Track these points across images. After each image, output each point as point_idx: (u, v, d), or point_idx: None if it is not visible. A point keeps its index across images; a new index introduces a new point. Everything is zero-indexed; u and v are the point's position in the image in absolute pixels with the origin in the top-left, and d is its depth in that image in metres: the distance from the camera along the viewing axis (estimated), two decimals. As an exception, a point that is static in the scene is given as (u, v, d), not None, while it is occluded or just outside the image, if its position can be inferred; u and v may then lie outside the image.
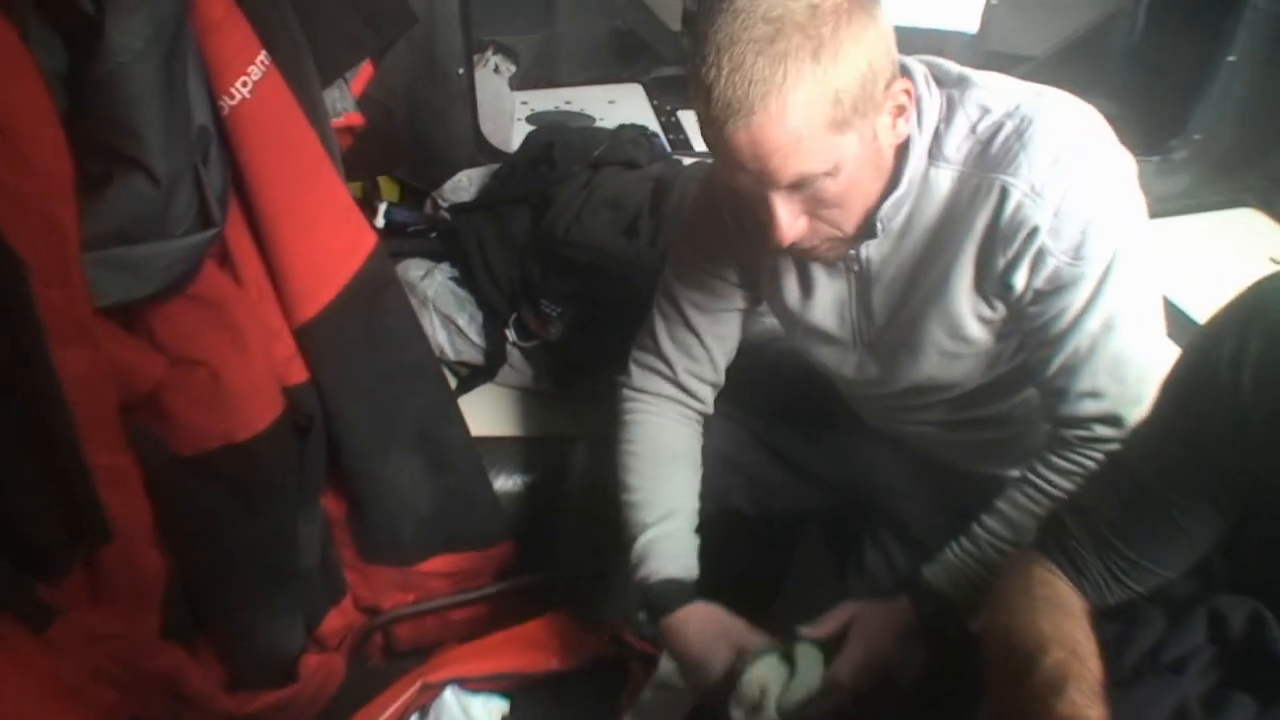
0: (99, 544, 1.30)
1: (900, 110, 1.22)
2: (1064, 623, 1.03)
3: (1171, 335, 2.30)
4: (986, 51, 2.90)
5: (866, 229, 1.30)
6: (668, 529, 1.54)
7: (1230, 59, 2.98)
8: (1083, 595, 1.08)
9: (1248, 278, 0.99)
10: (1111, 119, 1.26)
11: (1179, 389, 1.04)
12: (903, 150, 1.26)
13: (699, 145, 3.18)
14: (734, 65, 1.10)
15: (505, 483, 2.03)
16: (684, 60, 3.81)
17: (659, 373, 1.59)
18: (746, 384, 1.69)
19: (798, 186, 1.18)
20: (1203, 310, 2.44)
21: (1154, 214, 1.28)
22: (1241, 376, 0.94)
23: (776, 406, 1.74)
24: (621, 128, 2.52)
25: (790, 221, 1.21)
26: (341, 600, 1.87)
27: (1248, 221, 3.06)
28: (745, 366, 1.66)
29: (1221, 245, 2.86)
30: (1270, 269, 0.98)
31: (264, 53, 1.39)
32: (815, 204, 1.22)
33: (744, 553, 1.85)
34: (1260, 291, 0.97)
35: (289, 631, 1.76)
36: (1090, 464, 1.29)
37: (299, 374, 1.58)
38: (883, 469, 1.70)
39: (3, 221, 1.07)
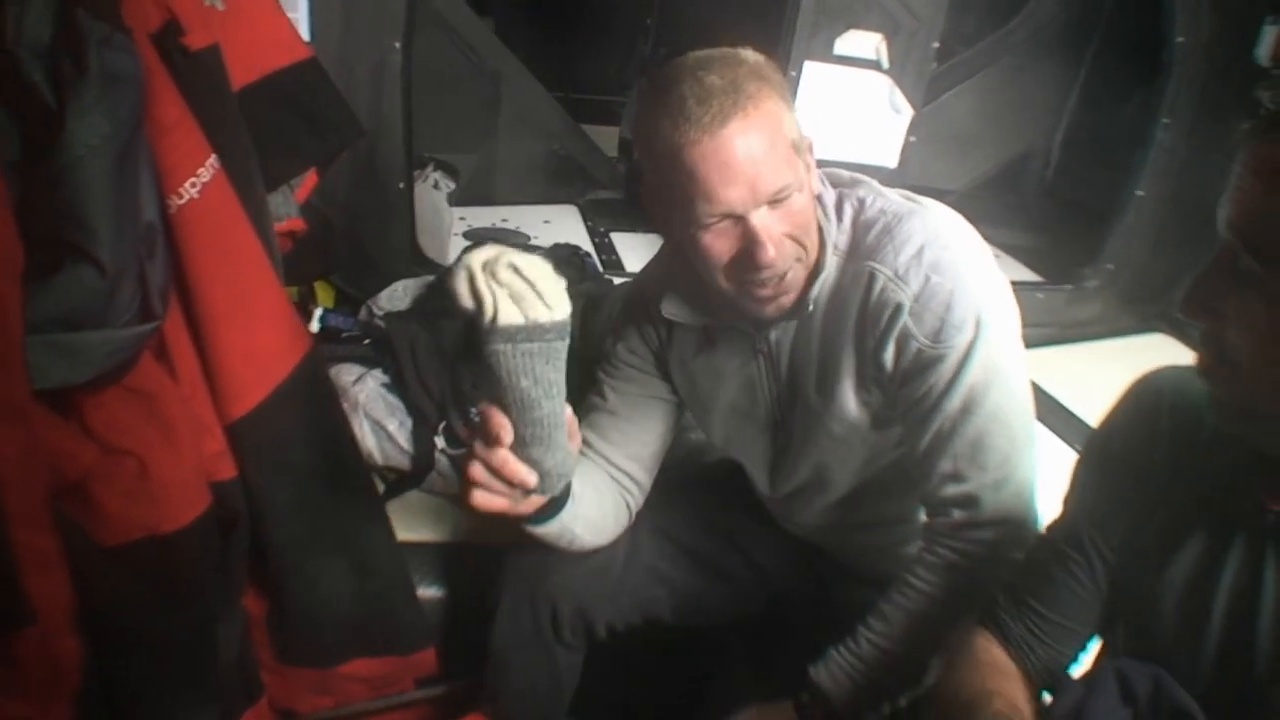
0: (20, 627, 1.28)
1: (809, 168, 1.35)
2: (1004, 683, 1.14)
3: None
4: (906, 185, 3.01)
5: (800, 304, 1.37)
6: None
7: (1139, 193, 3.18)
8: (1018, 661, 1.19)
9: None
10: (1027, 249, 1.37)
11: (1077, 467, 1.21)
12: (820, 233, 1.37)
13: (630, 266, 3.27)
14: (714, 83, 1.23)
15: (429, 589, 2.03)
16: (619, 183, 3.91)
17: None
18: (674, 497, 1.73)
19: (777, 200, 1.27)
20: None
21: (1067, 339, 1.36)
22: (1111, 450, 1.15)
23: (704, 517, 1.77)
24: (555, 246, 2.59)
25: (771, 234, 1.27)
26: (257, 701, 1.82)
27: (1159, 346, 3.19)
28: (673, 480, 1.71)
29: (1133, 369, 2.89)
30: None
31: (214, 156, 1.43)
32: (788, 221, 1.29)
33: (666, 665, 1.86)
34: (1139, 385, 1.17)
35: (202, 730, 1.71)
36: (953, 557, 1.35)
37: (227, 470, 1.58)
38: (803, 576, 1.74)
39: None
